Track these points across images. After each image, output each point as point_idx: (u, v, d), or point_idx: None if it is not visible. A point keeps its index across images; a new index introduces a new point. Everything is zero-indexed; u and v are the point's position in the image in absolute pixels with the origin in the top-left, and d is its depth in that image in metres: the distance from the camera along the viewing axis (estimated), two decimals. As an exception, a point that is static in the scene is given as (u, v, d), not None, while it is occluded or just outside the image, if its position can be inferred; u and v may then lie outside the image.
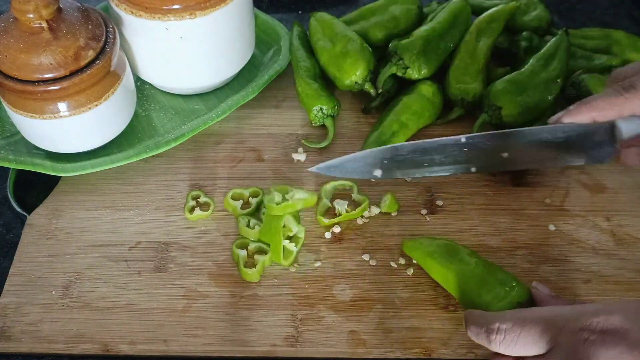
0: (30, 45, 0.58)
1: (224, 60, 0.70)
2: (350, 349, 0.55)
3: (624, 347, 0.41)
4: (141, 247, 0.61)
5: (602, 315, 0.43)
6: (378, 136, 0.67)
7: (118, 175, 0.67)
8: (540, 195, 0.65)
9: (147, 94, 0.74)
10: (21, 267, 0.60)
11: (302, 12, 0.88)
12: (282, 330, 0.56)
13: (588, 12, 0.88)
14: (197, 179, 0.67)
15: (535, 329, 0.45)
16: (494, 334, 0.47)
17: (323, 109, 0.69)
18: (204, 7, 0.63)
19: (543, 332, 0.45)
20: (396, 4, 0.76)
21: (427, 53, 0.70)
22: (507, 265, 0.59)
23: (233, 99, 0.71)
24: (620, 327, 0.42)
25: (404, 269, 0.59)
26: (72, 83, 0.59)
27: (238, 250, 0.59)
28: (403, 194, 0.65)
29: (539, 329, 0.45)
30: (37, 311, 0.57)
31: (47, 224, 0.63)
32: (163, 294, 0.58)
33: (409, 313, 0.57)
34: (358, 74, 0.69)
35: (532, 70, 0.68)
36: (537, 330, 0.45)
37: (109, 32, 0.62)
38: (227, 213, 0.64)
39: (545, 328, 0.45)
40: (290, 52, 0.75)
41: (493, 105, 0.66)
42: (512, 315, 0.47)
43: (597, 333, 0.42)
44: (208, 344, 0.55)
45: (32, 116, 0.61)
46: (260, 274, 0.59)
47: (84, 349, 0.55)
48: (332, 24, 0.73)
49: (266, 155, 0.69)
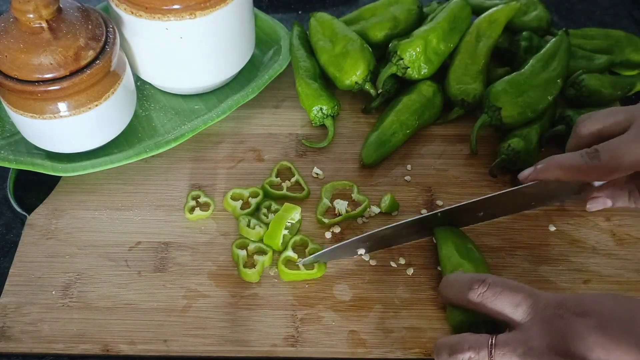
0: (30, 45, 0.58)
1: (224, 60, 0.70)
2: (350, 349, 0.55)
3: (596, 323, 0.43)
4: (141, 247, 0.61)
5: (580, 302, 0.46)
6: (378, 136, 0.67)
7: (118, 175, 0.67)
8: (540, 195, 0.65)
9: (147, 94, 0.74)
10: (21, 267, 0.60)
11: (302, 12, 0.88)
12: (282, 330, 0.56)
13: (588, 12, 0.88)
14: (197, 179, 0.67)
15: (518, 294, 0.48)
16: (477, 284, 0.49)
17: (323, 109, 0.69)
18: (204, 7, 0.63)
19: (524, 300, 0.47)
20: (396, 4, 0.76)
21: (427, 53, 0.70)
22: (507, 265, 0.60)
23: (233, 99, 0.71)
24: (592, 310, 0.44)
25: (404, 269, 0.59)
26: (72, 83, 0.59)
27: (238, 251, 0.59)
28: (403, 194, 0.65)
29: (521, 295, 0.47)
30: (37, 311, 0.57)
31: (47, 224, 0.63)
32: (163, 294, 0.58)
33: (409, 313, 0.57)
34: (358, 74, 0.69)
35: (532, 70, 0.68)
36: (519, 296, 0.47)
37: (109, 32, 0.62)
38: (227, 213, 0.64)
39: (527, 296, 0.47)
40: (290, 52, 0.75)
41: (493, 106, 0.66)
42: (497, 277, 0.50)
43: (573, 313, 0.45)
44: (208, 344, 0.55)
45: (32, 116, 0.61)
46: (260, 275, 0.59)
47: (84, 349, 0.55)
48: (332, 24, 0.73)
49: (266, 155, 0.69)
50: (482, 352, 0.47)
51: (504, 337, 0.47)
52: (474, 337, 0.48)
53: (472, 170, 0.67)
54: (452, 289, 0.52)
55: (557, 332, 0.44)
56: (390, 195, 0.63)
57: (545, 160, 0.58)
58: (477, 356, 0.47)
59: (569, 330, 0.44)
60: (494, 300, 0.48)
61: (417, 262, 0.60)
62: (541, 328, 0.45)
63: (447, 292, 0.53)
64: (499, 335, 0.47)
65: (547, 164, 0.57)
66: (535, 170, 0.58)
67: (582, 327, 0.44)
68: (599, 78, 0.71)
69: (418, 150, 0.69)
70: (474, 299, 0.49)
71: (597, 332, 0.43)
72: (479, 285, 0.49)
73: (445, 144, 0.70)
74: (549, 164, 0.57)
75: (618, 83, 0.72)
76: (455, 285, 0.52)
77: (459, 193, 0.65)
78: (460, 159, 0.68)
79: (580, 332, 0.43)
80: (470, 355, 0.47)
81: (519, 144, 0.65)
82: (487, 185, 0.66)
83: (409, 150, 0.69)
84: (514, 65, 0.73)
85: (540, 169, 0.57)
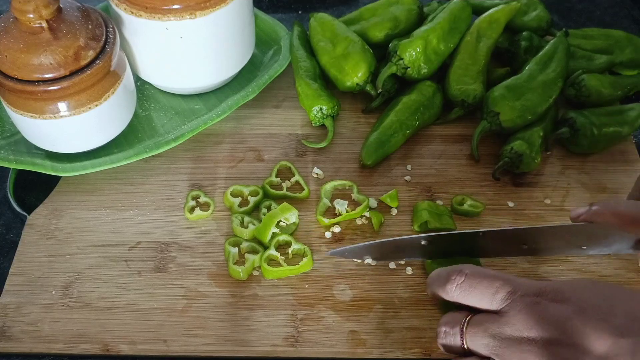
0: (30, 45, 0.58)
1: (224, 60, 0.70)
2: (350, 349, 0.55)
3: (574, 310, 0.43)
4: (141, 247, 0.61)
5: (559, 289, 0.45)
6: (378, 136, 0.67)
7: (118, 175, 0.67)
8: (540, 195, 0.65)
9: (147, 94, 0.74)
10: (21, 267, 0.60)
11: (302, 12, 0.88)
12: (282, 330, 0.56)
13: (588, 12, 0.88)
14: (197, 178, 0.67)
15: (495, 282, 0.47)
16: (455, 275, 0.49)
17: (323, 109, 0.69)
18: (204, 7, 0.63)
19: (501, 287, 0.47)
20: (396, 4, 0.76)
21: (427, 53, 0.70)
22: (507, 265, 0.59)
23: (233, 99, 0.71)
24: (570, 297, 0.44)
25: (403, 269, 0.59)
26: (72, 83, 0.59)
27: (230, 248, 0.60)
28: (403, 194, 0.65)
29: (498, 282, 0.47)
30: (37, 311, 0.57)
31: (47, 224, 0.63)
32: (163, 294, 0.58)
33: (409, 313, 0.57)
34: (359, 75, 0.69)
35: (530, 74, 0.68)
36: (497, 283, 0.47)
37: (109, 32, 0.62)
38: (227, 213, 0.64)
39: (504, 284, 0.47)
40: (290, 52, 0.75)
41: (491, 111, 0.66)
42: (476, 267, 0.49)
43: (551, 300, 0.45)
44: (208, 344, 0.55)
45: (32, 116, 0.61)
46: (248, 273, 0.59)
47: (84, 349, 0.55)
48: (332, 24, 0.73)
49: (266, 155, 0.69)
50: (455, 327, 0.48)
51: (477, 317, 0.47)
52: (453, 314, 0.49)
53: (472, 171, 0.67)
54: (434, 285, 0.51)
55: (534, 318, 0.44)
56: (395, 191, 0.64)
57: (601, 203, 0.52)
58: (451, 330, 0.48)
59: (546, 316, 0.44)
60: (471, 290, 0.48)
61: (416, 262, 0.60)
62: (518, 314, 0.45)
63: (431, 288, 0.52)
64: (475, 314, 0.48)
65: (602, 208, 0.52)
66: (589, 211, 0.53)
67: (560, 313, 0.44)
68: (599, 78, 0.71)
69: (418, 150, 0.69)
70: (452, 291, 0.49)
71: (574, 318, 0.43)
72: (456, 275, 0.49)
73: (445, 144, 0.70)
74: (605, 209, 0.52)
75: (618, 83, 0.72)
76: (436, 280, 0.51)
77: (459, 193, 0.65)
78: (460, 159, 0.68)
79: (558, 318, 0.43)
80: (446, 329, 0.49)
81: (522, 146, 0.64)
82: (487, 186, 0.66)
83: (409, 150, 0.69)
84: (514, 65, 0.73)
85: (595, 211, 0.52)
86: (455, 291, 0.48)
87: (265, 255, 0.59)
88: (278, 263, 0.59)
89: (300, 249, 0.60)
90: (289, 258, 0.60)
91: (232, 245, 0.60)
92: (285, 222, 0.61)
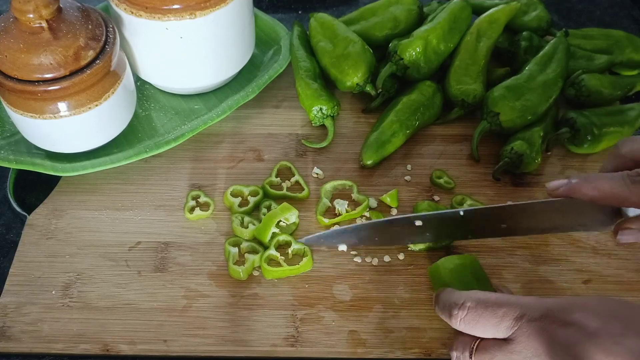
0: (30, 45, 0.58)
1: (224, 60, 0.70)
2: (350, 349, 0.55)
3: (583, 334, 0.42)
4: (141, 247, 0.61)
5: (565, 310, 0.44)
6: (378, 136, 0.67)
7: (118, 175, 0.67)
8: (540, 195, 0.65)
9: (147, 94, 0.74)
10: (21, 267, 0.60)
11: (302, 12, 0.88)
12: (282, 330, 0.56)
13: (588, 12, 0.88)
14: (197, 179, 0.67)
15: (498, 312, 0.46)
16: (456, 309, 0.48)
17: (323, 109, 0.69)
18: (204, 7, 0.63)
19: (506, 315, 0.45)
20: (396, 4, 0.76)
21: (427, 53, 0.70)
22: (507, 265, 0.59)
23: (233, 99, 0.71)
24: (578, 319, 0.42)
25: (403, 268, 0.59)
26: (72, 83, 0.59)
27: (230, 248, 0.60)
28: (403, 194, 0.65)
29: (501, 312, 0.46)
30: (37, 311, 0.57)
31: (47, 224, 0.63)
32: (163, 294, 0.58)
33: (409, 313, 0.57)
34: (359, 76, 0.69)
35: (530, 74, 0.68)
36: (499, 314, 0.46)
37: (109, 32, 0.62)
38: (227, 213, 0.64)
39: (509, 310, 0.45)
40: (290, 52, 0.75)
41: (491, 112, 0.66)
42: (477, 296, 0.47)
43: (557, 324, 0.43)
44: (208, 344, 0.55)
45: (32, 116, 0.61)
46: (248, 273, 0.59)
47: (84, 349, 0.55)
48: (332, 25, 0.73)
49: (266, 155, 0.69)
50: (465, 352, 0.48)
51: (485, 343, 0.47)
52: (463, 338, 0.49)
53: (472, 170, 0.67)
54: (440, 313, 0.50)
55: (543, 345, 0.43)
56: (395, 191, 0.64)
57: (580, 177, 0.51)
58: (461, 356, 0.48)
59: (556, 342, 0.43)
60: (476, 324, 0.47)
61: (416, 262, 0.60)
62: (526, 340, 0.44)
63: (437, 311, 0.51)
64: (483, 340, 0.47)
65: (581, 181, 0.51)
66: (568, 184, 0.51)
67: (570, 338, 0.42)
68: (599, 78, 0.71)
69: (418, 150, 0.69)
70: (456, 325, 0.48)
71: (585, 342, 0.41)
72: (458, 310, 0.48)
73: (445, 144, 0.70)
74: (584, 182, 0.51)
75: (618, 83, 0.72)
76: (441, 310, 0.50)
77: (459, 193, 0.65)
78: (460, 159, 0.68)
79: (568, 343, 0.42)
80: (457, 354, 0.49)
81: (522, 146, 0.65)
82: (487, 186, 0.66)
83: (409, 150, 0.69)
84: (514, 65, 0.73)
85: (574, 184, 0.51)
86: (460, 325, 0.47)
87: (265, 255, 0.59)
88: (278, 263, 0.59)
89: (300, 249, 0.60)
90: (289, 258, 0.60)
91: (232, 245, 0.60)
92: (285, 222, 0.61)
